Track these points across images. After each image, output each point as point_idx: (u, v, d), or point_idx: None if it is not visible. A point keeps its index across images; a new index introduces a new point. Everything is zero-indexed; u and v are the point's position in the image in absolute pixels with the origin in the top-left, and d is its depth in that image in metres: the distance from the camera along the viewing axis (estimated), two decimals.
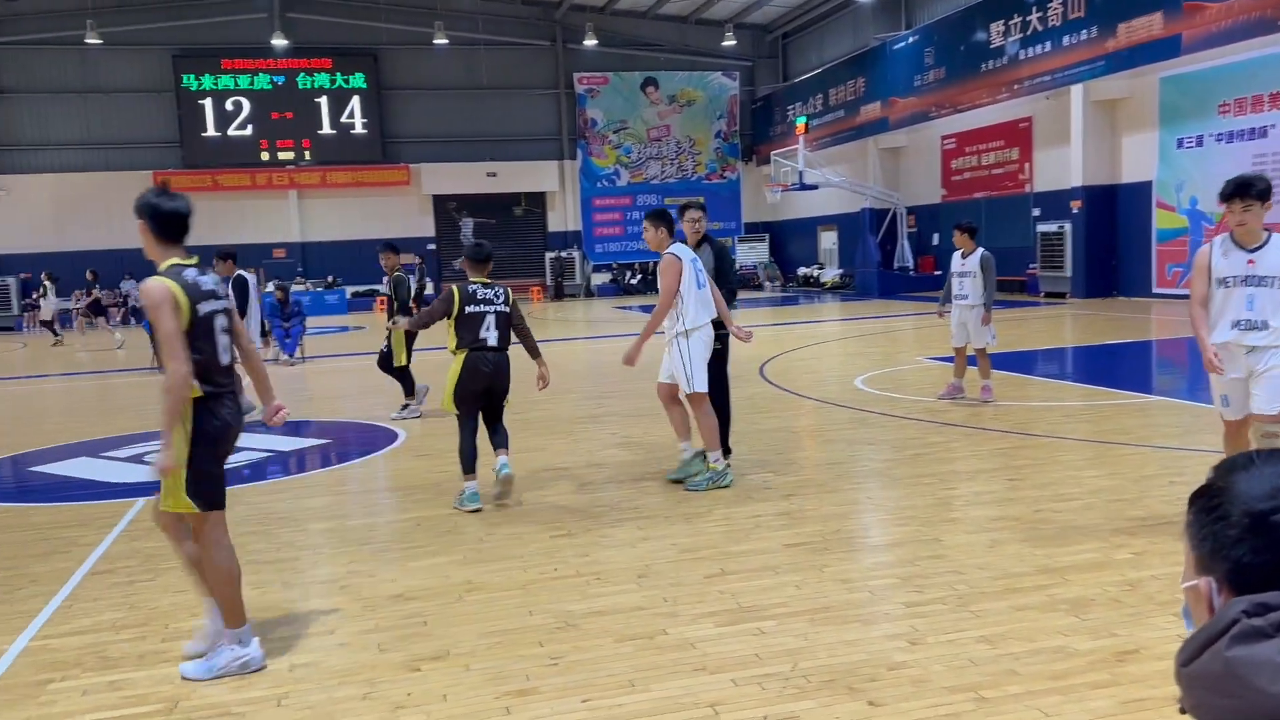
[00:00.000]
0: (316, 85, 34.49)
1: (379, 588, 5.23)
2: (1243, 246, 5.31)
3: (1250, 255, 5.29)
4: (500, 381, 6.88)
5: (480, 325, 6.76)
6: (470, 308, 6.76)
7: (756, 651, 4.17)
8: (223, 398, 4.27)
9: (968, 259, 9.94)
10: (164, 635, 4.68)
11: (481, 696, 3.88)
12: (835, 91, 32.12)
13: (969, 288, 9.88)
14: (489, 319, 6.79)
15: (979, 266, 9.82)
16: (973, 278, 9.85)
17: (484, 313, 6.78)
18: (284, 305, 17.56)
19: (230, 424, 4.30)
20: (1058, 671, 3.87)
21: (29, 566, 5.89)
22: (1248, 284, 5.27)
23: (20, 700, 4.05)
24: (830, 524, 6.03)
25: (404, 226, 35.74)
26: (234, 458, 8.92)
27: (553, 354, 17.21)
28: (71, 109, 33.14)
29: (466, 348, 6.74)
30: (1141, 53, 19.66)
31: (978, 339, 9.87)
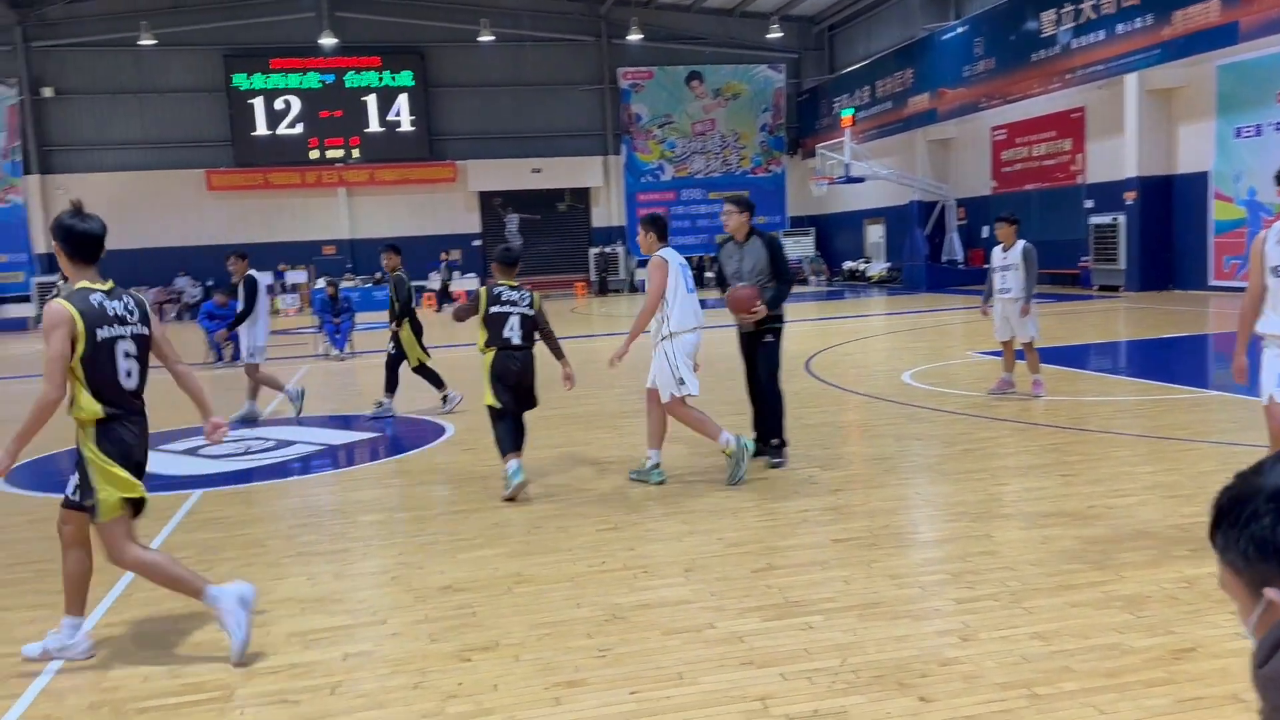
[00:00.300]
0: (365, 83, 34.85)
1: (428, 579, 5.29)
2: None
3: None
4: (527, 379, 7.18)
5: (504, 325, 7.08)
6: (495, 308, 7.10)
7: (805, 646, 4.16)
8: (124, 420, 4.41)
9: (1009, 252, 9.82)
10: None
11: (532, 687, 3.91)
12: (882, 83, 31.82)
13: (1011, 281, 9.75)
14: (513, 319, 7.10)
15: (1021, 259, 9.70)
16: (1015, 270, 9.72)
17: (508, 313, 7.11)
18: (334, 301, 17.79)
19: (130, 444, 4.43)
20: (1112, 669, 3.81)
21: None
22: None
23: (84, 686, 4.16)
24: (878, 519, 5.99)
25: (450, 223, 36.05)
26: (286, 451, 9.13)
27: (597, 349, 17.29)
28: (127, 109, 33.81)
29: (494, 347, 7.07)
30: (1198, 40, 19.25)
31: (1022, 333, 9.73)
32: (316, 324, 18.34)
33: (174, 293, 33.92)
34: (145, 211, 33.82)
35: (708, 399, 8.55)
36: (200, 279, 33.74)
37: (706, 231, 37.82)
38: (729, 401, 9.54)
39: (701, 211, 37.86)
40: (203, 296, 32.28)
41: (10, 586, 5.54)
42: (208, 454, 9.23)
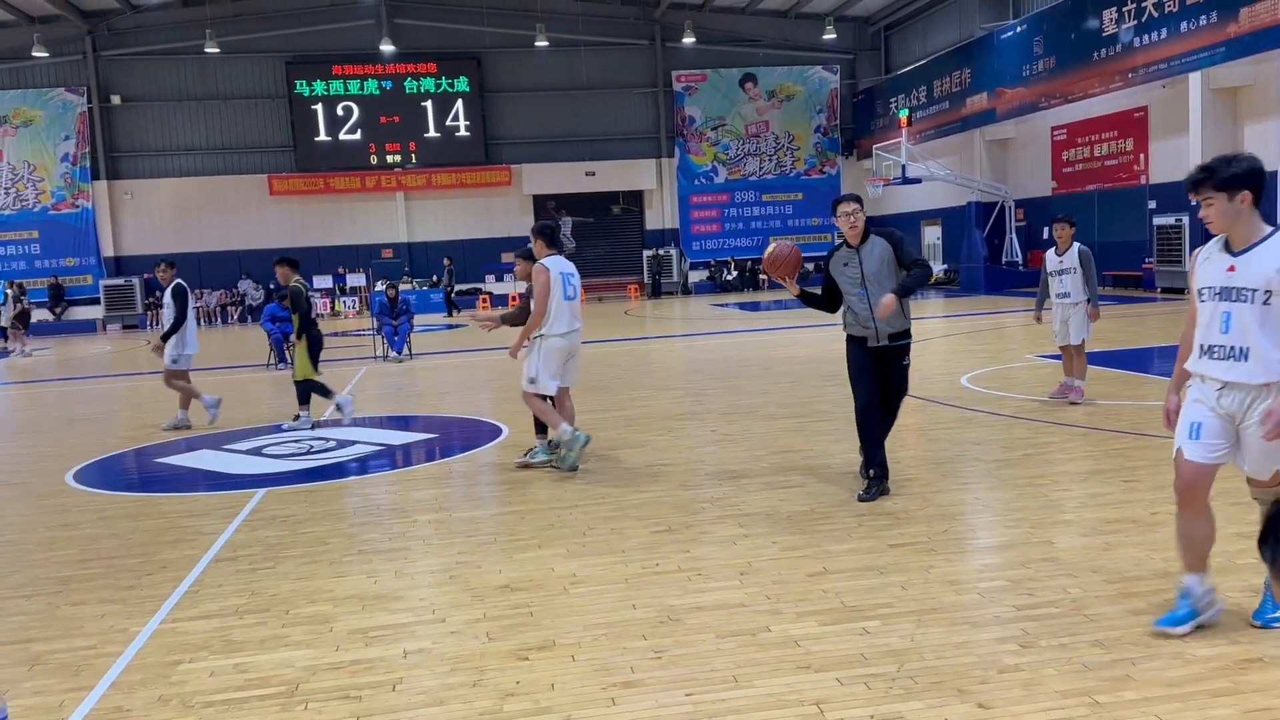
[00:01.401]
0: (422, 89, 35.29)
1: (486, 578, 5.36)
2: (1230, 249, 4.05)
3: (1233, 260, 3.99)
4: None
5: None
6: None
7: (861, 651, 4.15)
8: None
9: (1065, 255, 9.66)
10: (284, 621, 4.88)
11: (588, 687, 3.95)
12: (939, 83, 31.48)
13: (1070, 284, 9.60)
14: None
15: (1079, 262, 9.54)
16: (1073, 274, 9.57)
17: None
18: (393, 304, 18.03)
19: None
20: (1175, 678, 3.75)
21: (159, 553, 6.20)
22: (1223, 298, 4.00)
23: (153, 679, 4.28)
24: (936, 525, 5.94)
25: (505, 226, 36.34)
26: (346, 451, 9.29)
27: (650, 351, 17.32)
28: (191, 116, 34.58)
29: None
30: (1265, 37, 18.77)
31: (1077, 335, 9.58)
32: (375, 326, 18.60)
33: (237, 295, 34.63)
34: (209, 216, 34.62)
35: (750, 405, 8.47)
36: (262, 282, 34.39)
37: (760, 234, 37.72)
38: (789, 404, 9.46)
39: (755, 214, 37.76)
40: (264, 299, 32.91)
41: (83, 583, 5.71)
42: (271, 454, 9.42)
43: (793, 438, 8.80)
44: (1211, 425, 4.08)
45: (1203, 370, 4.11)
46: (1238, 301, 3.95)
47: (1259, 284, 3.89)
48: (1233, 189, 3.93)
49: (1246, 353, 3.94)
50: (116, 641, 4.72)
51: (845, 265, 6.65)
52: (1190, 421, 4.14)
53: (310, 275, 34.59)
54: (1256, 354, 3.92)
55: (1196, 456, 4.10)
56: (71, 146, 33.72)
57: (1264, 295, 3.88)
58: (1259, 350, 3.91)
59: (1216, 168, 3.95)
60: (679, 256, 36.77)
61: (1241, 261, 3.96)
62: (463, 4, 34.66)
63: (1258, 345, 3.91)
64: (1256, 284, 3.90)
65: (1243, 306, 3.93)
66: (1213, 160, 4.01)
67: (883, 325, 6.52)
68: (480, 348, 19.58)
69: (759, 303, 29.93)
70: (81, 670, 4.41)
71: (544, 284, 7.73)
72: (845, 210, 6.59)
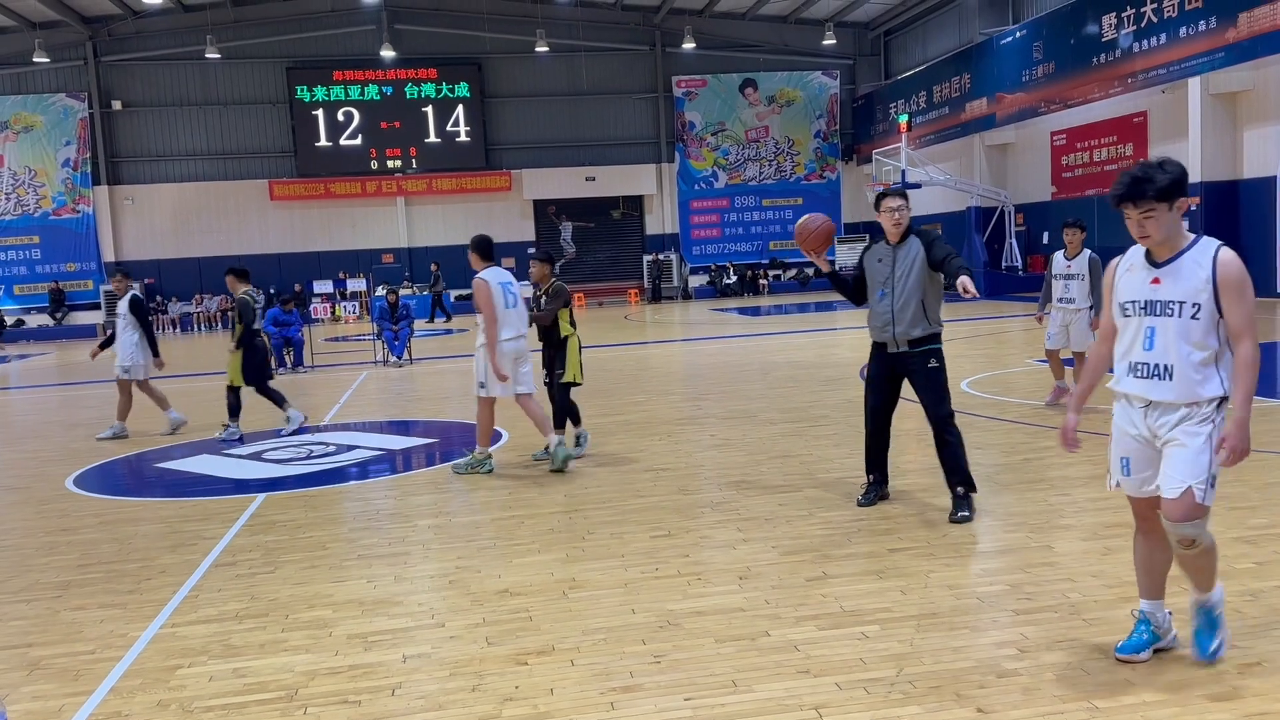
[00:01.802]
0: (423, 95, 35.34)
1: (485, 583, 5.36)
2: (1153, 260, 3.80)
3: (1157, 271, 3.75)
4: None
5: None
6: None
7: (861, 656, 4.15)
8: None
9: (1074, 261, 9.62)
10: (284, 625, 4.88)
11: (587, 692, 3.95)
12: (939, 88, 31.53)
13: (1075, 290, 9.57)
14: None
15: (1087, 268, 9.51)
16: (1079, 280, 9.54)
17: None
18: (393, 309, 18.04)
19: None
20: (1174, 682, 3.75)
21: (159, 558, 6.20)
22: (1148, 312, 3.76)
23: (152, 684, 4.28)
24: (936, 529, 5.94)
25: (505, 231, 36.32)
26: (346, 456, 9.29)
27: (651, 356, 17.32)
28: (192, 121, 34.63)
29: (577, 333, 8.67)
30: (1265, 42, 18.81)
31: (1079, 343, 9.56)
32: (376, 331, 18.61)
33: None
34: (209, 221, 34.66)
35: (749, 410, 8.49)
36: (262, 287, 34.41)
37: (760, 239, 37.76)
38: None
39: (755, 219, 37.79)
40: (265, 304, 32.93)
41: (82, 587, 5.71)
42: (272, 458, 9.42)
43: (792, 442, 8.80)
44: (1140, 457, 3.89)
45: (1126, 389, 3.86)
46: (1163, 316, 3.71)
47: (1186, 296, 3.66)
48: (1172, 197, 3.69)
49: (1171, 370, 3.71)
50: (116, 646, 4.72)
51: (879, 261, 6.33)
52: (1120, 457, 3.96)
53: (310, 280, 34.67)
54: (1181, 372, 3.70)
55: (1132, 492, 3.97)
56: (72, 152, 33.76)
57: (1191, 309, 3.65)
58: (1184, 368, 3.70)
59: (1153, 176, 3.67)
60: (679, 261, 36.79)
61: (1166, 273, 3.72)
62: (463, 10, 34.71)
63: (1182, 362, 3.69)
64: (1184, 296, 3.66)
65: (1168, 321, 3.70)
66: (1141, 169, 3.71)
67: (900, 330, 6.20)
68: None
69: (759, 307, 29.94)
70: (81, 675, 4.41)
71: (486, 295, 8.00)
72: (890, 206, 6.21)
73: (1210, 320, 3.67)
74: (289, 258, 34.90)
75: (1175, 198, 3.71)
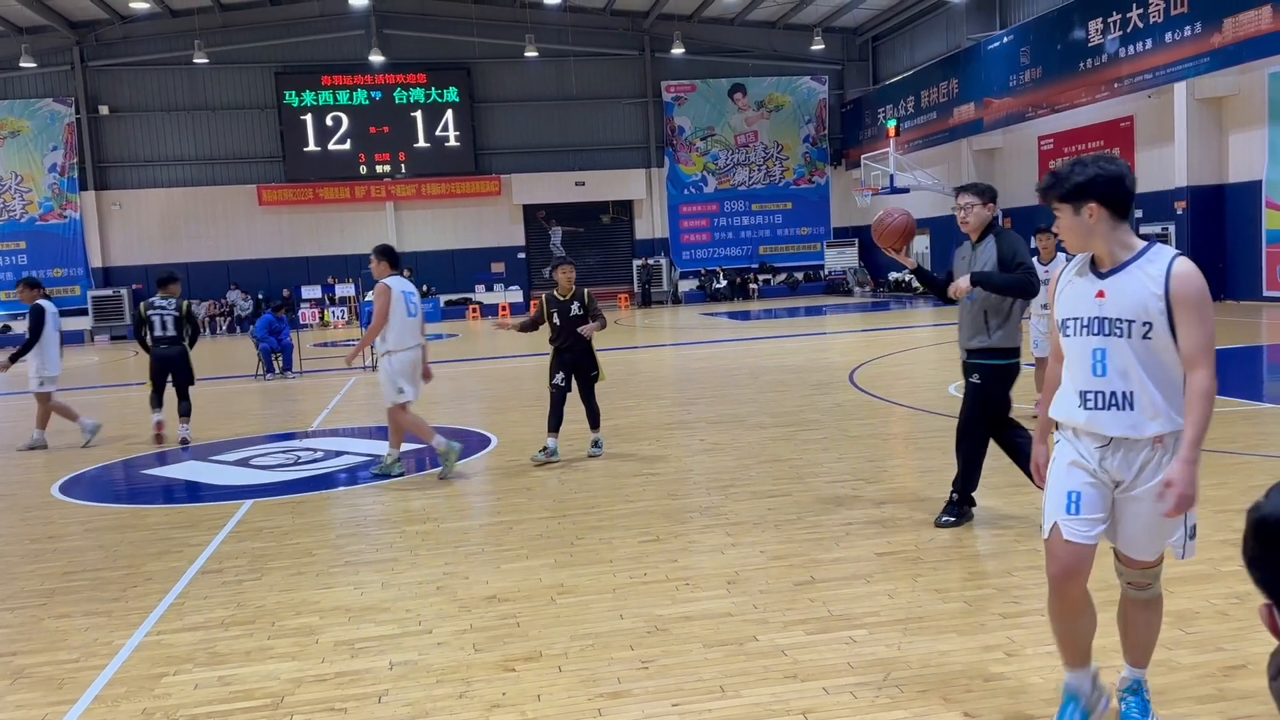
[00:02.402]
0: (412, 99, 35.31)
1: (473, 589, 5.35)
2: (1098, 269, 3.24)
3: (1101, 284, 3.19)
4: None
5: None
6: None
7: (848, 660, 4.15)
8: None
9: (1050, 266, 9.53)
10: (270, 632, 4.86)
11: (575, 698, 3.94)
12: (927, 93, 31.63)
13: None
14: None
15: None
16: None
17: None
18: None
19: None
20: (1161, 685, 3.76)
21: (144, 565, 6.17)
22: (1093, 331, 3.20)
23: (136, 692, 4.25)
24: (923, 533, 5.95)
25: (495, 236, 36.37)
26: (334, 462, 9.26)
27: (640, 360, 17.32)
28: (180, 126, 34.52)
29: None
30: (1249, 48, 18.92)
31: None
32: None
33: (226, 306, 34.54)
34: (197, 226, 34.54)
35: (738, 414, 8.46)
36: (251, 292, 34.36)
37: (749, 243, 37.82)
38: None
39: (744, 223, 37.86)
40: (254, 309, 32.86)
41: (67, 595, 5.67)
42: (258, 464, 9.38)
43: (781, 447, 8.81)
44: (1091, 497, 3.25)
45: (1076, 422, 3.27)
46: (1112, 336, 3.15)
47: (1134, 314, 3.11)
48: (1077, 201, 3.18)
49: (1130, 398, 3.14)
50: (101, 654, 4.69)
51: (961, 259, 6.03)
52: (1067, 491, 3.28)
53: (299, 285, 34.62)
54: (1143, 399, 3.13)
55: (1077, 536, 3.25)
56: (59, 157, 33.62)
57: (1142, 328, 3.11)
58: (1146, 395, 3.13)
59: (1063, 175, 3.22)
60: (669, 266, 36.82)
61: (1111, 285, 3.16)
62: (452, 15, 34.71)
63: (1143, 388, 3.13)
64: (1131, 314, 3.12)
65: (1119, 342, 3.14)
66: (1063, 165, 3.25)
67: (962, 337, 5.98)
68: (470, 358, 19.57)
69: (749, 312, 29.98)
70: (65, 683, 4.38)
71: (385, 302, 8.13)
72: (960, 202, 5.90)
73: (1169, 340, 3.11)
74: (277, 263, 34.81)
75: (1081, 201, 3.18)
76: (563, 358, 8.75)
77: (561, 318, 8.71)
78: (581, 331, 8.62)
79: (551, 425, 8.64)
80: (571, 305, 8.73)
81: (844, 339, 19.28)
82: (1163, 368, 3.14)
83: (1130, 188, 3.18)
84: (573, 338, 8.68)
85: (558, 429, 8.65)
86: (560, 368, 8.73)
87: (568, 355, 8.75)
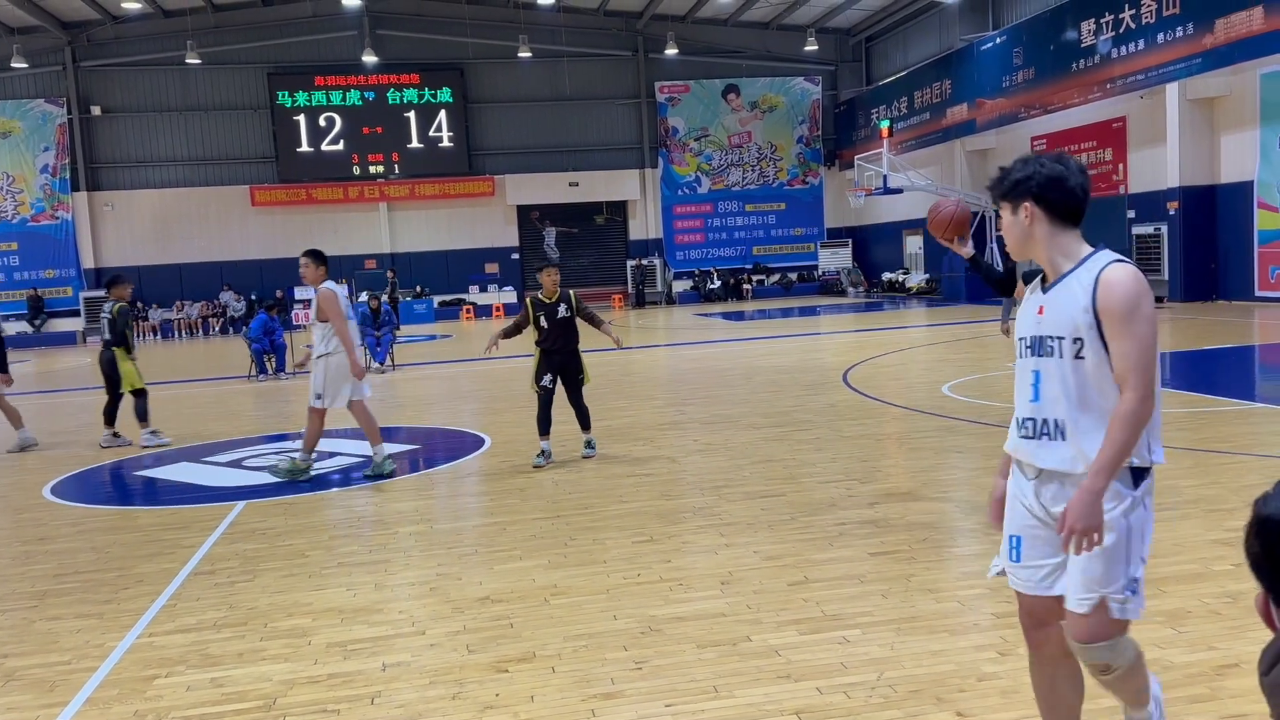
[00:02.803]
0: (405, 100, 35.27)
1: (466, 590, 5.34)
2: (1044, 282, 2.92)
3: (1043, 299, 2.88)
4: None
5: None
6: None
7: (841, 660, 4.15)
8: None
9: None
10: (262, 634, 4.84)
11: (568, 699, 3.94)
12: (920, 94, 31.68)
13: None
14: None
15: None
16: None
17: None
18: (375, 315, 17.98)
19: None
20: None
21: (136, 567, 6.15)
22: (1034, 351, 2.87)
23: (128, 694, 4.24)
24: (917, 533, 5.96)
25: (489, 237, 36.33)
26: (327, 463, 9.24)
27: (634, 361, 17.32)
28: (172, 127, 34.45)
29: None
30: (1241, 49, 18.97)
31: None
32: (358, 337, 18.53)
33: (218, 307, 34.46)
34: (190, 227, 34.47)
35: (731, 415, 8.46)
36: (244, 293, 34.29)
37: (743, 244, 37.84)
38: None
39: (738, 224, 37.89)
40: (246, 310, 32.76)
41: (59, 596, 5.66)
42: (251, 466, 9.36)
43: (774, 447, 8.81)
44: (1034, 539, 2.91)
45: (1015, 451, 2.95)
46: (1044, 356, 2.82)
47: (1064, 330, 2.77)
48: (1014, 199, 2.86)
49: (1062, 428, 2.79)
50: (92, 656, 4.67)
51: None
52: (1008, 534, 2.98)
53: (292, 286, 34.47)
54: (1074, 430, 2.76)
55: (1023, 587, 2.96)
56: (51, 158, 33.53)
57: (1073, 346, 2.75)
58: (1076, 425, 2.76)
59: (1004, 171, 2.93)
60: (663, 266, 36.82)
61: (1049, 300, 2.84)
62: (445, 15, 34.69)
63: (1075, 417, 2.76)
64: (1061, 330, 2.77)
65: (1049, 363, 2.80)
66: (1015, 161, 2.95)
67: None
68: (464, 359, 19.55)
69: (743, 312, 30.00)
70: (57, 686, 4.36)
71: (336, 305, 8.31)
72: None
73: (1103, 360, 2.72)
74: (270, 264, 34.73)
75: (1018, 200, 2.85)
76: (551, 360, 8.74)
77: (549, 320, 8.69)
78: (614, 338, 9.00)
79: (542, 429, 8.61)
80: (559, 307, 8.71)
81: (837, 339, 19.30)
82: (1097, 394, 2.73)
83: (1074, 189, 2.81)
84: (561, 339, 8.69)
85: (548, 431, 8.63)
86: (548, 369, 8.71)
87: (556, 358, 8.74)
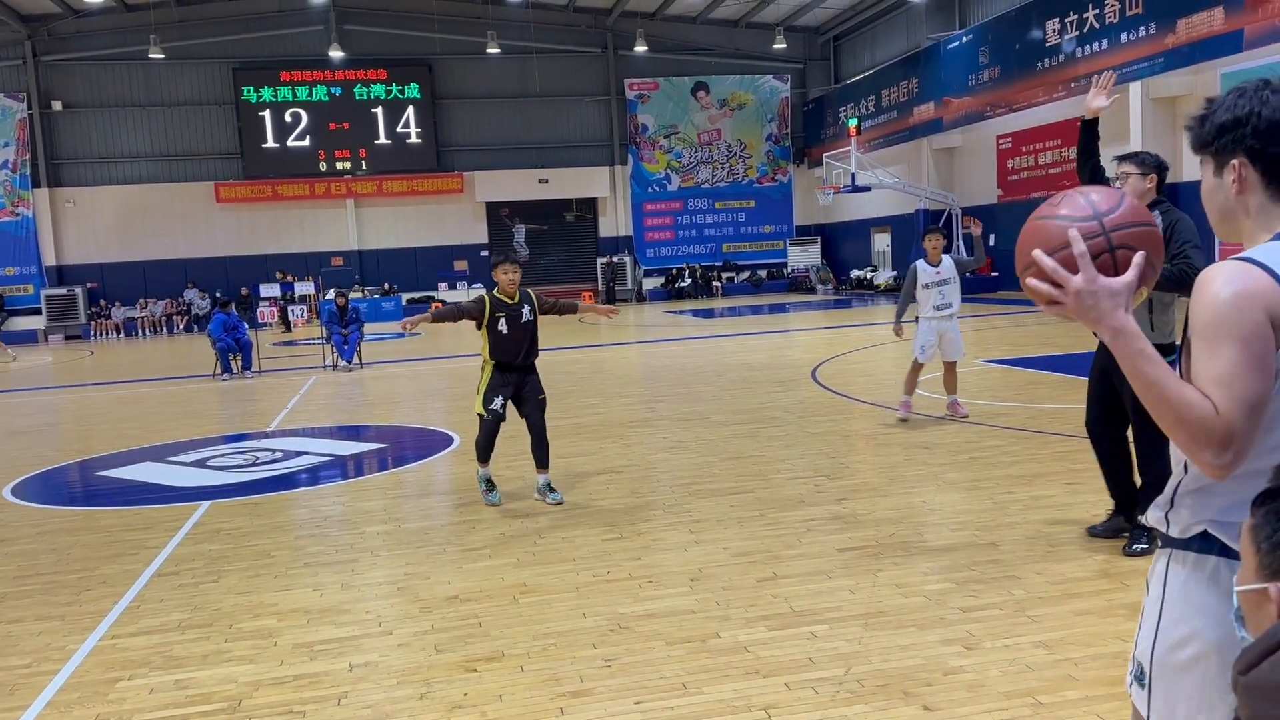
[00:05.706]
0: (372, 96, 35.00)
1: (435, 589, 5.31)
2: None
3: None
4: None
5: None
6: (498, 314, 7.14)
7: (810, 655, 4.17)
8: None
9: (942, 266, 9.27)
10: (227, 635, 4.79)
11: (537, 698, 3.93)
12: (888, 92, 31.87)
13: (950, 295, 9.26)
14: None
15: (955, 271, 9.28)
16: (952, 283, 9.26)
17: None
18: (343, 312, 17.84)
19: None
20: (1117, 677, 3.81)
21: (99, 568, 6.07)
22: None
23: (90, 697, 4.18)
24: (884, 528, 5.99)
25: (458, 234, 36.15)
26: (293, 462, 9.16)
27: (604, 358, 17.30)
28: (135, 122, 33.98)
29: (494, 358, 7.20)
30: (1202, 48, 19.24)
31: (954, 352, 9.35)
32: (325, 335, 18.39)
33: (183, 305, 34.06)
34: (154, 224, 34.01)
35: (702, 412, 8.43)
36: (209, 291, 33.89)
37: (713, 241, 37.90)
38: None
39: (708, 221, 37.95)
40: (211, 308, 32.38)
41: (19, 599, 5.57)
42: (216, 465, 9.26)
43: (744, 444, 8.83)
44: None
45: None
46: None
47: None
48: (1218, 153, 2.21)
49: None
50: (53, 659, 4.61)
51: None
52: None
53: (258, 284, 34.13)
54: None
55: None
56: (11, 154, 32.96)
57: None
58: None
59: (1208, 109, 2.21)
60: (633, 264, 36.81)
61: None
62: (413, 10, 34.44)
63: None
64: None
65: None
66: (1222, 96, 2.17)
67: None
68: (432, 356, 19.45)
69: (713, 309, 30.04)
70: (16, 689, 4.30)
71: None
72: (1118, 171, 5.29)
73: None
74: (236, 261, 34.36)
75: (1221, 155, 2.17)
76: (506, 377, 7.10)
77: (510, 324, 7.00)
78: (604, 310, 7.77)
79: (483, 456, 7.27)
80: (523, 309, 7.08)
81: (806, 336, 19.38)
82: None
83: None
84: (524, 351, 7.11)
85: (489, 457, 7.33)
86: (501, 389, 7.09)
87: (513, 375, 7.12)
